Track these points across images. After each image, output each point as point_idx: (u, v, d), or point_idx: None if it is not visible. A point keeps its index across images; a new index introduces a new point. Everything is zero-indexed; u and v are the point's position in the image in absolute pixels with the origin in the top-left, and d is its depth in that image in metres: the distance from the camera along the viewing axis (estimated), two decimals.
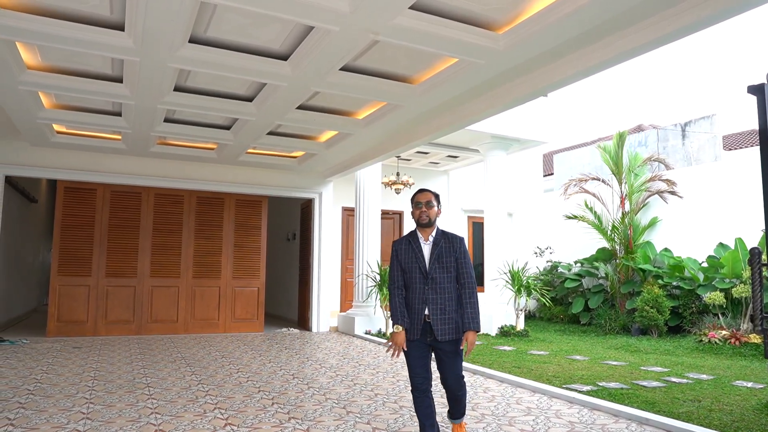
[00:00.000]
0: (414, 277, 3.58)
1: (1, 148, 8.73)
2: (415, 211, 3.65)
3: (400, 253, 3.64)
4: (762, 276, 2.94)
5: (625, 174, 11.88)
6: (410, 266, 3.60)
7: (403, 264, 3.62)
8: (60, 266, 9.25)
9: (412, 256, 3.60)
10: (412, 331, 3.58)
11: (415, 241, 3.63)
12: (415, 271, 3.58)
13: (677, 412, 5.00)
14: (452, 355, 3.64)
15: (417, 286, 3.58)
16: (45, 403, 4.97)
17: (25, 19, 4.57)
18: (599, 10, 4.17)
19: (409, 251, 3.61)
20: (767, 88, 2.96)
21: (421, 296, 3.56)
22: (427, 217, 3.60)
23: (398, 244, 3.67)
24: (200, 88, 6.31)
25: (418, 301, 3.57)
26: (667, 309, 10.07)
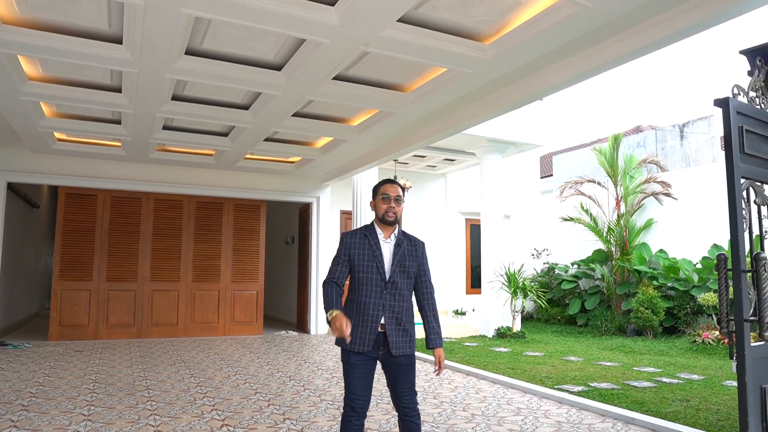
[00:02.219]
0: (370, 279, 3.03)
1: (3, 155, 8.89)
2: (381, 204, 3.11)
3: (353, 248, 3.06)
4: (727, 281, 3.07)
5: (620, 176, 12.00)
6: (366, 265, 3.04)
7: (355, 261, 3.04)
8: (61, 271, 9.40)
9: (369, 254, 3.05)
10: (362, 343, 3.00)
11: (373, 236, 3.09)
12: (371, 272, 3.04)
13: (664, 412, 5.12)
14: (408, 368, 3.09)
15: (373, 289, 3.02)
16: (47, 405, 5.11)
17: (26, 34, 4.71)
18: (580, 23, 4.30)
19: (365, 247, 3.06)
20: (732, 102, 3.08)
21: (378, 302, 3.02)
22: (394, 214, 3.10)
23: (351, 237, 3.10)
24: (197, 97, 6.45)
25: (373, 307, 3.01)
26: (662, 310, 10.18)
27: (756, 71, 3.49)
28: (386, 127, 7.36)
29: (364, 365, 3.04)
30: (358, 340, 3.01)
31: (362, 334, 3.02)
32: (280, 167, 10.32)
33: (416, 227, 13.55)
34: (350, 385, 3.04)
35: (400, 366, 3.06)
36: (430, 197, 13.90)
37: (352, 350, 3.03)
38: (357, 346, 3.01)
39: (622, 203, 12.00)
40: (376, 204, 3.16)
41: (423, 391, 5.92)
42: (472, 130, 10.14)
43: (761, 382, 2.95)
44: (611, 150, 12.01)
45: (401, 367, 3.07)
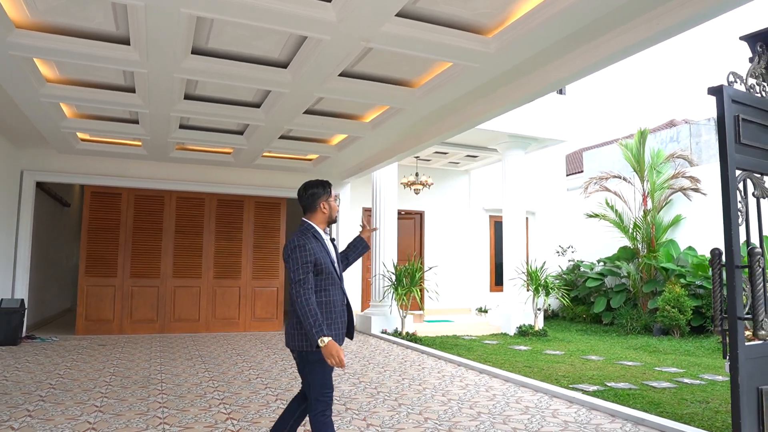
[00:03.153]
0: (332, 278, 3.11)
1: (32, 156, 9.20)
2: (335, 205, 3.25)
3: (316, 252, 3.02)
4: (722, 277, 2.95)
5: (647, 171, 11.70)
6: (327, 266, 3.08)
7: (321, 263, 3.04)
8: (87, 268, 9.68)
9: (325, 255, 3.09)
10: (337, 339, 3.07)
11: (320, 237, 3.13)
12: (331, 271, 3.10)
13: (680, 414, 4.98)
14: None
15: (336, 287, 3.13)
16: (63, 396, 5.26)
17: (39, 38, 4.86)
18: (586, 11, 4.20)
19: (320, 249, 3.08)
20: (726, 90, 2.95)
21: (340, 297, 3.14)
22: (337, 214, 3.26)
23: (307, 240, 3.03)
24: (210, 96, 6.55)
25: (339, 303, 3.12)
26: (689, 309, 9.90)
27: (756, 58, 3.33)
28: (398, 123, 7.34)
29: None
30: (334, 336, 3.03)
31: (336, 330, 3.08)
32: (298, 165, 10.40)
33: (439, 224, 13.50)
34: (325, 383, 3.04)
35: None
36: (454, 194, 13.81)
37: None
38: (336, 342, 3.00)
39: (648, 199, 11.69)
40: (330, 205, 3.20)
41: (432, 388, 5.89)
42: (493, 126, 10.03)
43: (757, 383, 2.83)
44: (637, 144, 11.72)
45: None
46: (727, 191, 2.78)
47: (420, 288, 10.54)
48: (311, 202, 3.18)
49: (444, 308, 12.85)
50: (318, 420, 3.00)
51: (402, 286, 10.11)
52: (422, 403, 5.29)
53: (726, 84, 3.04)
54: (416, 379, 6.41)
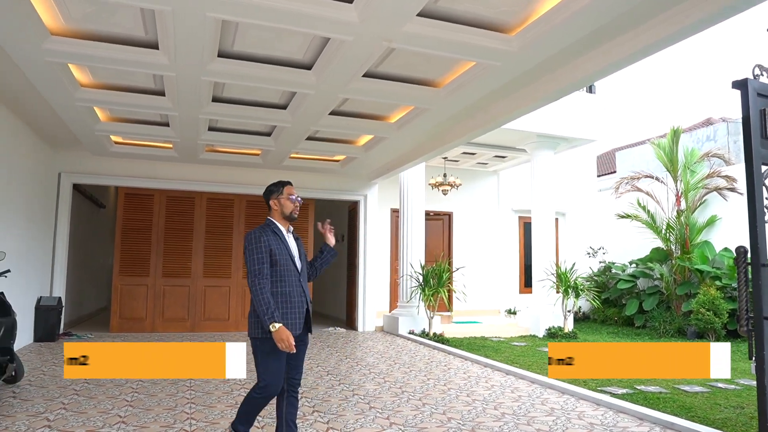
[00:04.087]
0: (289, 270, 3.38)
1: (68, 159, 9.50)
2: (288, 203, 3.48)
3: (272, 244, 3.34)
4: (747, 275, 2.87)
5: (680, 171, 11.42)
6: (284, 258, 3.37)
7: (276, 256, 3.33)
8: (121, 267, 9.95)
9: (283, 248, 3.39)
10: (293, 328, 3.33)
11: (280, 233, 3.44)
12: (289, 264, 3.39)
13: (713, 419, 4.85)
14: (305, 346, 3.56)
15: (293, 279, 3.39)
16: (96, 390, 5.40)
17: (73, 44, 5.03)
18: (609, 6, 4.13)
19: (278, 242, 3.39)
20: (751, 83, 2.87)
21: (299, 289, 3.41)
22: (297, 213, 3.53)
23: (265, 235, 3.36)
24: (237, 98, 6.67)
25: (297, 294, 3.39)
26: (725, 312, 9.62)
27: None
28: (424, 123, 7.34)
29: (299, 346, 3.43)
30: (289, 326, 3.31)
31: (293, 320, 3.36)
32: (326, 166, 10.49)
33: (467, 225, 13.43)
34: (277, 371, 3.32)
35: (304, 344, 3.54)
36: (482, 195, 13.72)
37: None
38: (291, 331, 3.29)
39: (682, 199, 11.40)
40: (281, 202, 3.49)
41: (457, 389, 5.87)
42: (521, 126, 9.95)
43: None
44: (670, 143, 11.45)
45: (304, 344, 3.54)
46: (752, 187, 2.71)
47: (447, 289, 10.50)
48: (267, 199, 3.55)
49: (472, 309, 12.77)
50: (255, 399, 3.36)
51: (429, 287, 10.09)
52: (446, 403, 5.28)
53: (751, 77, 2.96)
54: (441, 379, 6.40)
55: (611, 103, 12.60)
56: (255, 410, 3.41)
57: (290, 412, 3.52)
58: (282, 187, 3.54)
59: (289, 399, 3.50)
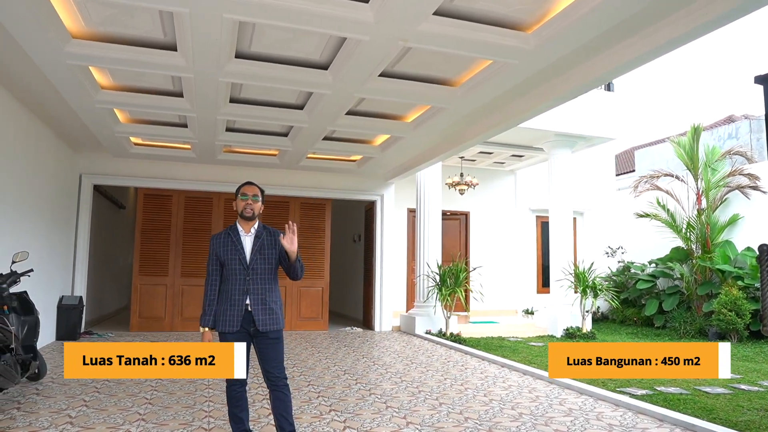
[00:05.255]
0: (234, 269, 3.56)
1: (89, 160, 9.66)
2: (240, 202, 3.63)
3: (218, 247, 3.60)
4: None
5: (701, 169, 11.24)
6: (229, 258, 3.57)
7: (221, 257, 3.58)
8: (141, 267, 10.08)
9: (230, 248, 3.58)
10: (231, 323, 3.54)
11: (234, 234, 3.63)
12: (234, 263, 3.57)
13: (735, 421, 4.77)
14: (277, 342, 3.64)
15: (237, 277, 3.56)
16: (116, 388, 5.48)
17: (94, 47, 5.11)
18: (627, 3, 4.09)
19: (228, 244, 3.59)
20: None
21: (242, 287, 3.55)
22: (251, 210, 3.61)
23: (216, 239, 3.65)
24: (254, 99, 6.72)
25: (238, 292, 3.55)
26: (747, 312, 9.47)
27: None
28: (440, 122, 7.32)
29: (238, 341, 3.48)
30: (228, 321, 3.55)
31: (230, 316, 3.55)
32: (343, 166, 10.52)
33: (484, 225, 13.37)
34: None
35: (269, 341, 3.61)
36: (499, 194, 13.65)
37: (223, 331, 3.58)
38: (227, 327, 3.55)
39: (703, 198, 11.23)
40: (236, 203, 3.66)
41: (474, 389, 5.85)
42: (539, 124, 9.88)
43: None
44: (690, 141, 11.28)
45: (270, 341, 3.62)
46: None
47: (464, 289, 10.46)
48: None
49: (489, 309, 12.71)
50: (228, 393, 3.65)
51: (446, 287, 10.06)
52: (463, 402, 5.26)
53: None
54: (458, 379, 6.38)
55: (630, 101, 12.45)
56: (233, 402, 3.65)
57: (278, 406, 3.61)
58: (240, 188, 3.71)
59: (275, 394, 3.61)
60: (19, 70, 5.66)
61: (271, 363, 3.60)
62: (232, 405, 3.64)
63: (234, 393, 3.62)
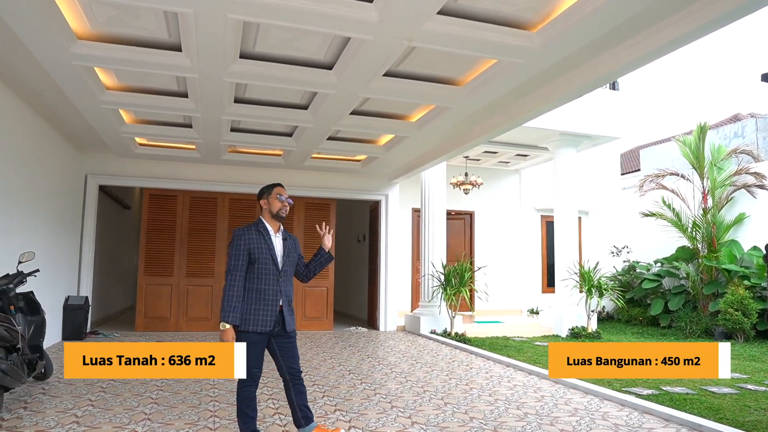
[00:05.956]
0: (267, 268, 3.54)
1: (94, 161, 9.70)
2: (276, 203, 3.64)
3: (251, 242, 3.52)
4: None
5: (707, 168, 11.20)
6: (263, 256, 3.53)
7: (254, 253, 3.51)
8: (146, 267, 10.11)
9: (264, 246, 3.55)
10: (264, 324, 3.53)
11: (265, 232, 3.60)
12: (267, 262, 3.54)
13: (742, 421, 4.75)
14: (294, 340, 3.75)
15: (270, 277, 3.54)
16: (122, 388, 5.50)
17: (99, 48, 5.13)
18: (633, 1, 4.08)
19: (261, 241, 3.55)
20: None
21: (275, 287, 3.55)
22: (286, 212, 3.67)
23: (247, 233, 3.56)
24: (258, 99, 6.73)
25: (272, 293, 3.54)
26: (754, 312, 9.43)
27: None
28: (445, 122, 7.32)
29: (262, 342, 3.59)
30: (260, 321, 3.53)
31: (264, 316, 3.54)
32: (347, 165, 10.52)
33: (489, 225, 13.35)
34: (252, 361, 3.49)
35: (290, 339, 3.71)
36: (504, 194, 13.63)
37: (254, 331, 3.52)
38: (260, 327, 3.53)
39: (708, 197, 11.18)
40: (270, 202, 3.66)
41: (479, 388, 5.84)
42: (543, 124, 9.86)
43: None
44: (696, 140, 11.23)
45: (291, 340, 3.72)
46: None
47: (469, 288, 10.45)
48: (258, 200, 3.74)
49: (494, 309, 12.69)
50: (241, 393, 3.60)
51: (451, 287, 10.05)
52: (468, 402, 5.25)
53: None
54: (463, 378, 6.37)
55: (635, 100, 12.41)
56: (245, 402, 3.60)
57: (299, 398, 3.72)
58: (272, 187, 3.73)
59: (296, 387, 3.72)
60: (24, 71, 5.69)
61: (294, 359, 3.72)
62: (245, 405, 3.61)
63: (248, 393, 3.60)
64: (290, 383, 3.72)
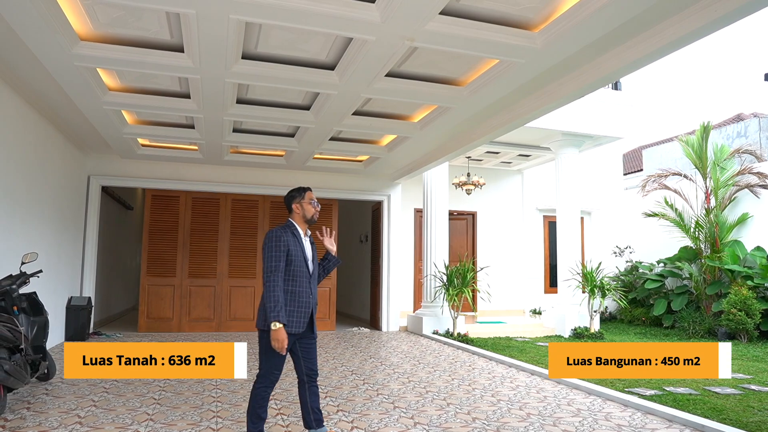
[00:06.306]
0: (301, 271, 3.56)
1: (97, 162, 9.72)
2: (309, 207, 3.69)
3: (289, 244, 3.53)
4: None
5: (710, 168, 11.17)
6: (298, 258, 3.55)
7: (292, 254, 3.52)
8: (148, 268, 10.13)
9: (299, 248, 3.58)
10: (298, 325, 3.53)
11: (297, 234, 3.63)
12: (301, 264, 3.57)
13: (746, 422, 4.74)
14: (316, 342, 3.79)
15: (304, 279, 3.57)
16: (125, 389, 5.50)
17: (102, 49, 5.14)
18: (634, 1, 4.07)
19: (296, 243, 3.57)
20: None
21: (308, 289, 3.59)
22: (317, 217, 3.72)
23: (284, 234, 3.54)
24: (260, 100, 6.74)
25: (305, 294, 3.57)
26: (757, 312, 9.40)
27: None
28: (447, 122, 7.31)
29: (291, 344, 3.56)
30: (295, 323, 3.52)
31: (298, 317, 3.54)
32: (349, 166, 10.52)
33: (492, 225, 13.34)
34: (276, 364, 3.54)
35: (313, 340, 3.75)
36: (506, 194, 13.61)
37: (288, 333, 3.48)
38: (294, 328, 3.52)
39: (711, 197, 11.16)
40: (303, 206, 3.70)
41: (482, 389, 5.84)
42: (545, 124, 9.85)
43: None
44: (699, 140, 11.21)
45: (314, 341, 3.76)
46: None
47: (472, 289, 10.44)
48: (288, 203, 3.76)
49: (497, 309, 12.67)
50: (259, 394, 3.55)
51: (453, 287, 10.05)
52: (471, 403, 5.25)
53: None
54: (466, 379, 6.37)
55: (637, 100, 12.39)
56: (260, 403, 3.57)
57: (313, 400, 3.74)
58: (304, 192, 3.76)
59: (311, 389, 3.74)
60: (27, 72, 5.70)
61: (314, 361, 3.75)
62: (258, 405, 3.57)
63: (265, 394, 3.58)
64: (306, 384, 3.73)
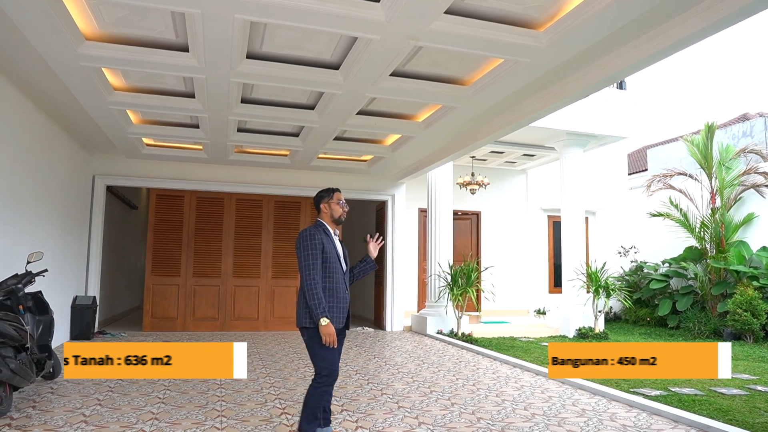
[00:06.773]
0: (337, 268, 3.66)
1: (102, 161, 9.75)
2: (338, 208, 3.78)
3: (325, 242, 3.63)
4: None
5: (715, 168, 11.13)
6: (332, 255, 3.65)
7: (327, 254, 3.62)
8: (153, 267, 10.15)
9: (333, 248, 3.67)
10: (338, 321, 3.63)
11: (329, 233, 3.72)
12: (336, 263, 3.66)
13: (752, 423, 4.72)
14: (344, 340, 3.87)
15: (339, 276, 3.66)
16: (130, 388, 5.52)
17: (107, 48, 5.15)
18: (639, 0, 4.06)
19: (329, 242, 3.67)
20: None
21: (344, 285, 3.70)
22: (345, 217, 3.81)
23: (318, 233, 3.64)
24: (265, 99, 6.74)
25: (342, 290, 3.67)
26: (763, 312, 9.36)
27: None
28: (451, 122, 7.30)
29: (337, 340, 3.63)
30: (335, 318, 3.61)
31: (337, 313, 3.64)
32: (353, 166, 10.52)
33: (496, 225, 13.32)
34: (331, 359, 3.60)
35: (344, 337, 3.84)
36: (510, 194, 13.60)
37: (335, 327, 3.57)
38: (335, 323, 3.59)
39: (717, 197, 11.11)
40: (331, 207, 3.78)
41: (486, 389, 5.83)
42: (550, 124, 9.84)
43: None
44: (704, 140, 11.17)
45: (344, 338, 3.84)
46: None
47: (476, 289, 10.43)
48: (317, 204, 3.84)
49: (501, 309, 12.66)
50: (318, 391, 3.58)
51: (457, 287, 10.04)
52: (475, 403, 5.24)
53: None
54: (470, 379, 6.36)
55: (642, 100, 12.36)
56: (319, 403, 3.60)
57: (328, 399, 3.75)
58: (332, 193, 3.84)
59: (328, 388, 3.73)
60: (33, 72, 5.72)
61: (339, 358, 3.75)
62: (317, 405, 3.60)
63: (326, 392, 3.64)
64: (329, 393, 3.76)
